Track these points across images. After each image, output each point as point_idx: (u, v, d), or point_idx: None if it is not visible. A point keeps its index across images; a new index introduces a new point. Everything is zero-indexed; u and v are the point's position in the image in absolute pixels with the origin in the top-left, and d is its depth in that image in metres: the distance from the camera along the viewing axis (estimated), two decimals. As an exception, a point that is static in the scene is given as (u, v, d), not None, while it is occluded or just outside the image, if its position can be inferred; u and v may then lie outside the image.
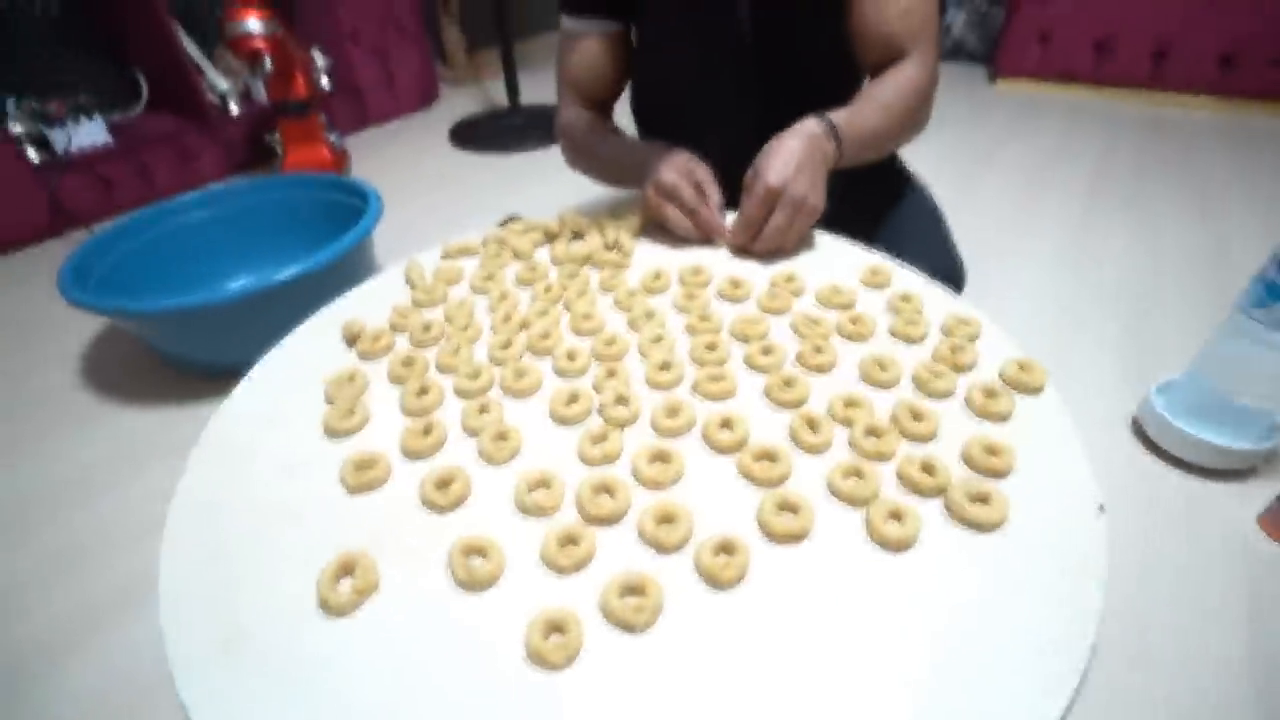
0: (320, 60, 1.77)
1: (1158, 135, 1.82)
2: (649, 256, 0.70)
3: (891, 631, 0.34)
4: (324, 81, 1.77)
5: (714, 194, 0.69)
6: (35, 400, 1.00)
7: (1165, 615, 0.63)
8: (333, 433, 0.49)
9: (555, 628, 0.35)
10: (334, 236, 0.96)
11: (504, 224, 0.77)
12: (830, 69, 0.81)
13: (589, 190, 0.85)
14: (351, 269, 1.00)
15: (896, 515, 0.40)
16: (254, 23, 1.35)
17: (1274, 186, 1.47)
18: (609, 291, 0.65)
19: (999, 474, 0.42)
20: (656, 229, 0.74)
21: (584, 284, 0.65)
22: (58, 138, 1.49)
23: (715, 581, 0.37)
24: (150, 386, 1.00)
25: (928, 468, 0.42)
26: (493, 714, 0.32)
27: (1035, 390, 0.49)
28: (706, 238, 0.70)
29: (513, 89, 1.90)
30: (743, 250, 0.68)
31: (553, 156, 1.79)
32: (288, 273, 0.90)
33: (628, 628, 0.35)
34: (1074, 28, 2.08)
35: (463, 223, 0.75)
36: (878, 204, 0.87)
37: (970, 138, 1.84)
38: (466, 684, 0.33)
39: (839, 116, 0.68)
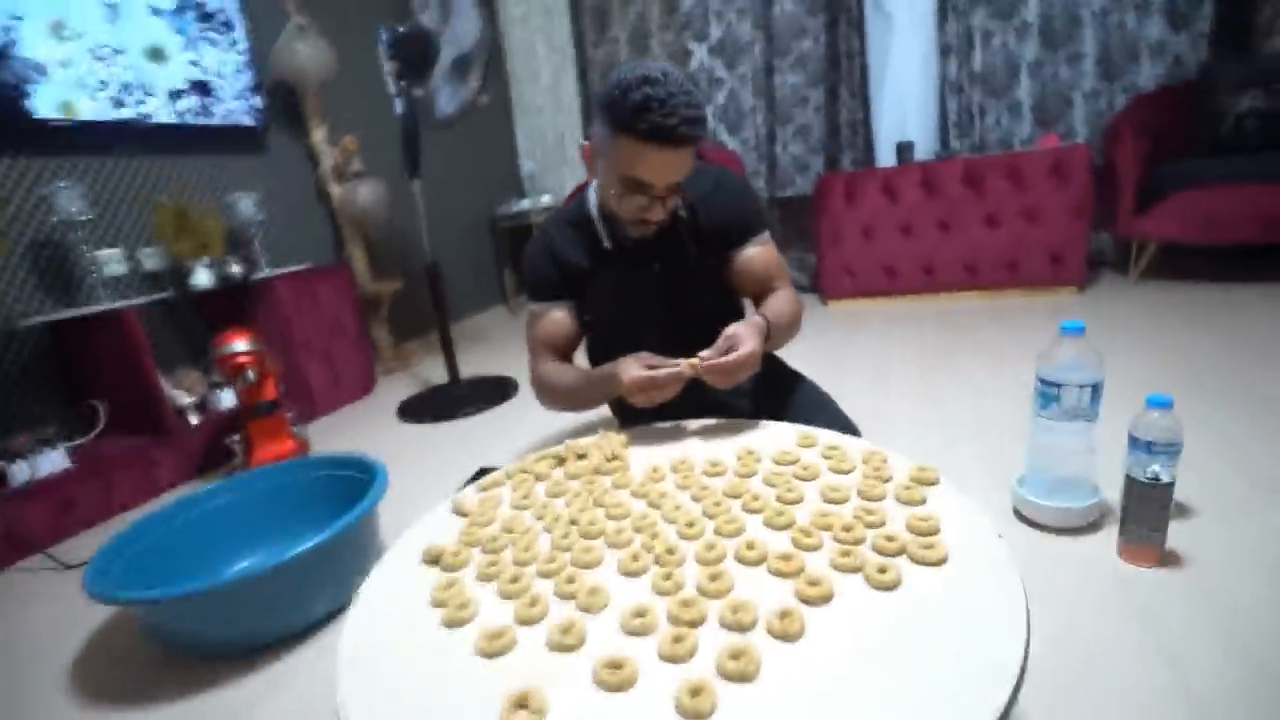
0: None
1: (946, 322, 2.41)
2: (642, 458, 0.91)
3: (905, 637, 0.51)
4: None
5: (661, 361, 0.95)
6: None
7: (1081, 645, 0.80)
8: (454, 623, 0.61)
9: (696, 690, 0.48)
10: (348, 507, 1.06)
11: (476, 477, 0.94)
12: (716, 305, 1.15)
13: (539, 436, 1.05)
14: (364, 537, 1.10)
15: (883, 570, 0.58)
16: (241, 344, 1.56)
17: (1029, 339, 1.98)
18: (623, 488, 0.83)
19: (933, 533, 0.63)
20: (640, 439, 0.96)
21: (603, 486, 0.84)
22: (20, 471, 1.52)
23: (786, 637, 0.52)
24: (156, 680, 0.97)
25: (889, 538, 0.62)
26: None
27: (934, 482, 0.72)
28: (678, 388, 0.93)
29: (452, 364, 2.18)
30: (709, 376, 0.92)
31: (499, 416, 2.04)
32: (311, 544, 0.98)
33: (743, 680, 0.49)
34: (866, 261, 2.78)
35: (440, 483, 0.88)
36: (782, 389, 1.16)
37: (821, 344, 2.32)
38: (648, 743, 0.45)
39: (769, 317, 1.00)
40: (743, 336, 0.92)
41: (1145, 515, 0.90)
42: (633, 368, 0.94)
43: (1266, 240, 2.19)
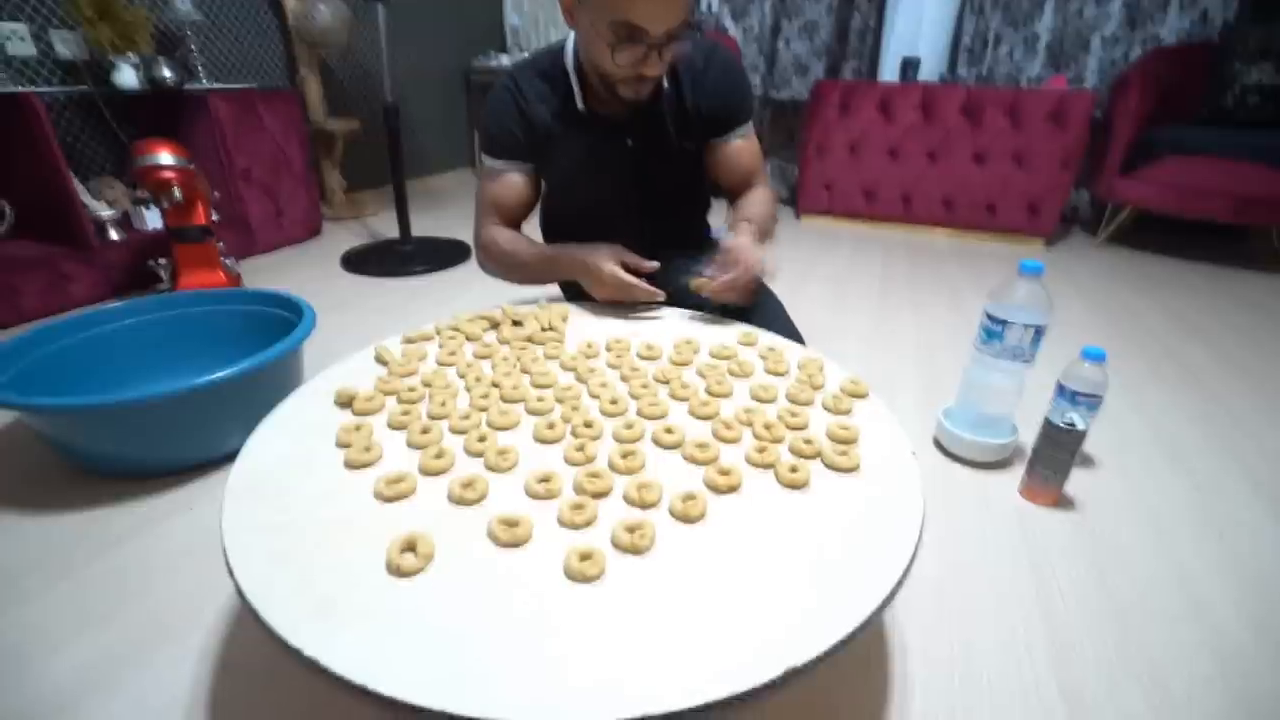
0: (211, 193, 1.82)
1: (916, 253, 2.39)
2: (578, 332, 0.88)
3: (802, 533, 0.52)
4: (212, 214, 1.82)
5: (637, 262, 0.90)
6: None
7: (969, 569, 0.85)
8: (355, 465, 0.59)
9: (585, 555, 0.48)
10: (265, 347, 1.00)
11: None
12: (687, 188, 1.09)
13: (485, 304, 0.98)
14: (284, 376, 1.05)
15: (794, 469, 0.58)
16: (166, 156, 1.41)
17: (990, 283, 1.99)
18: (554, 359, 0.81)
19: (851, 441, 0.63)
20: (580, 313, 0.92)
21: (534, 354, 0.81)
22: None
23: (687, 519, 0.52)
24: (56, 492, 0.94)
25: (808, 441, 0.62)
26: (548, 616, 0.44)
27: (863, 396, 0.72)
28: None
29: (404, 219, 2.06)
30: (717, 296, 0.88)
31: (446, 280, 1.97)
32: (223, 374, 0.93)
33: (635, 552, 0.49)
34: (848, 179, 2.70)
35: (374, 338, 0.84)
36: None
37: (790, 256, 2.28)
38: (524, 600, 0.45)
39: (753, 220, 0.95)
40: (745, 249, 0.87)
41: (1053, 458, 0.94)
42: (611, 264, 0.89)
43: (1236, 219, 2.20)
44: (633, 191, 1.04)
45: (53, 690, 0.67)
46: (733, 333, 0.88)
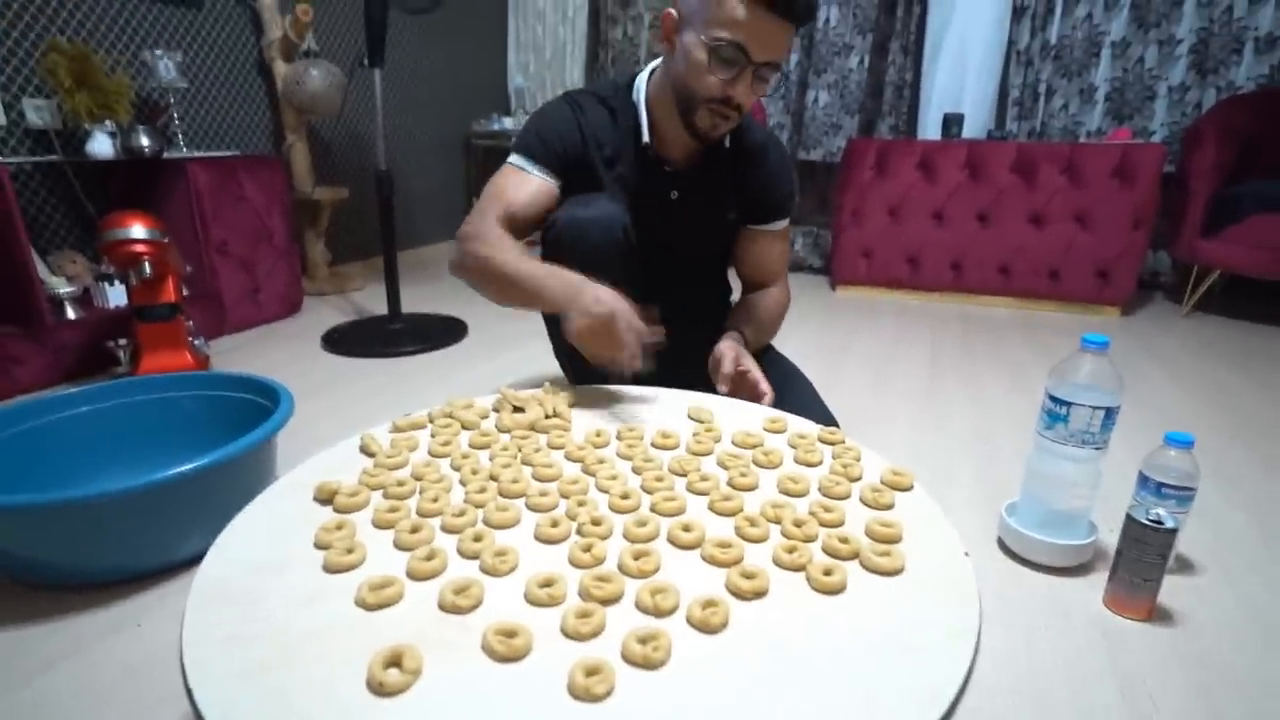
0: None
1: (970, 327, 2.45)
2: (586, 421, 0.92)
3: (837, 646, 0.53)
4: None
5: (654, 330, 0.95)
6: None
7: (1043, 695, 0.84)
8: (336, 568, 0.61)
9: (592, 670, 0.49)
10: (236, 437, 1.04)
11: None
12: (712, 264, 1.17)
13: (482, 388, 1.03)
14: (253, 471, 1.09)
15: (829, 571, 0.60)
16: (138, 229, 1.53)
17: (1057, 358, 2.02)
18: (558, 449, 0.84)
19: (893, 540, 0.65)
20: (588, 399, 0.97)
21: (536, 443, 0.84)
22: None
23: (707, 628, 0.54)
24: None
25: (844, 540, 0.64)
26: (556, 733, 0.45)
27: (908, 487, 0.74)
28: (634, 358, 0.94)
29: (394, 294, 2.16)
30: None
31: (440, 361, 2.04)
32: (180, 469, 0.95)
33: (649, 666, 0.50)
34: (888, 246, 2.80)
35: (358, 426, 0.89)
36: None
37: (826, 332, 2.34)
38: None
39: (747, 334, 1.09)
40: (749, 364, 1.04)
41: (1140, 562, 0.94)
42: (614, 297, 0.93)
43: (1338, 285, 2.24)
44: (654, 243, 1.12)
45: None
46: (757, 417, 0.92)
